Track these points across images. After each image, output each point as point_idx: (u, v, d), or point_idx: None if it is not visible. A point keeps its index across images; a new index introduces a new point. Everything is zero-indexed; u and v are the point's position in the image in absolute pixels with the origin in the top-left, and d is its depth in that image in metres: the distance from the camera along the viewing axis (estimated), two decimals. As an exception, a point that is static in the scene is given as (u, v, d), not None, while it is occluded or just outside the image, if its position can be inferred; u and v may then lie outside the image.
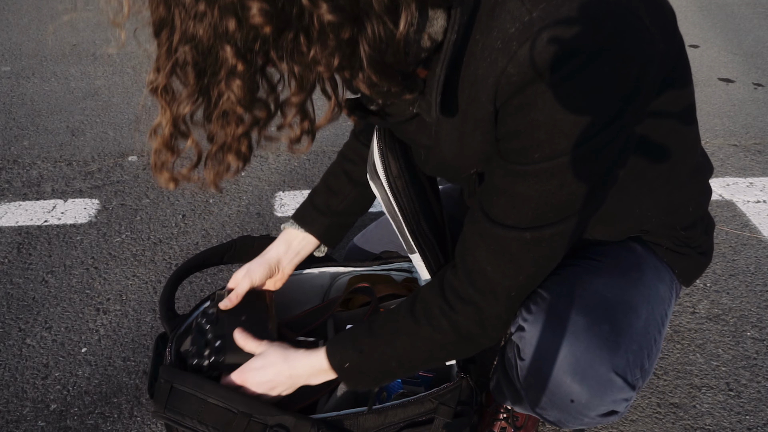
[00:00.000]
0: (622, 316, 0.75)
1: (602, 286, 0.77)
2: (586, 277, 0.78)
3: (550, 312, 0.73)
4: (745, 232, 1.65)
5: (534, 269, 0.69)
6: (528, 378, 0.76)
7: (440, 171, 0.84)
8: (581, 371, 0.71)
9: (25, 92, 2.47)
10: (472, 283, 0.71)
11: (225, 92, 0.56)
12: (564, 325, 0.72)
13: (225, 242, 1.07)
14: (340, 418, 0.83)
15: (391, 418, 0.84)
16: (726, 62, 2.83)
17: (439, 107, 0.65)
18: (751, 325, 1.34)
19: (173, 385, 0.82)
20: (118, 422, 1.11)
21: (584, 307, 0.74)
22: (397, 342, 0.76)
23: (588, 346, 0.71)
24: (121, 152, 2.04)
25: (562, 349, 0.71)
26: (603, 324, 0.73)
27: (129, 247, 1.57)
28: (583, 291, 0.76)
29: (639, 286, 0.79)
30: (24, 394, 1.16)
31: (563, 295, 0.75)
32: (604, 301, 0.75)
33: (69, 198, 1.78)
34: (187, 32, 0.53)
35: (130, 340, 1.29)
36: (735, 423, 1.13)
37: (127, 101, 2.41)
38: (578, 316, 0.73)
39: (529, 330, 0.74)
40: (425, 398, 0.85)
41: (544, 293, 0.75)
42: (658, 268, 0.85)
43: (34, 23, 3.33)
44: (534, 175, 0.63)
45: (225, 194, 1.81)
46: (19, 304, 1.38)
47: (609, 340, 0.72)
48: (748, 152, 2.09)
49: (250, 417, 0.79)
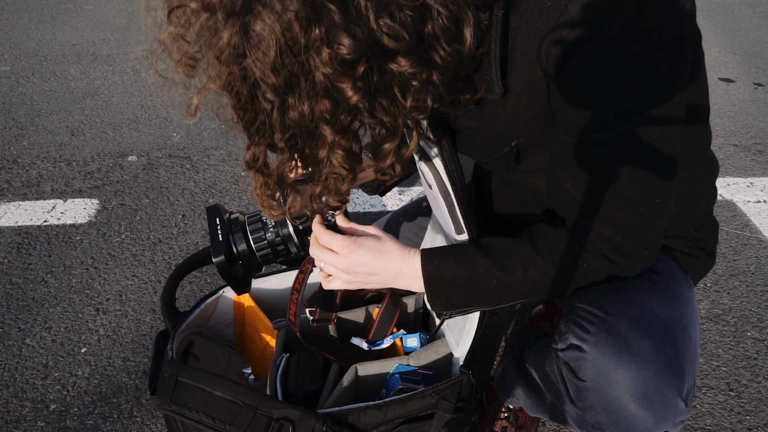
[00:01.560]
0: (680, 339, 0.74)
1: (655, 305, 0.75)
2: (637, 296, 0.77)
3: (612, 333, 0.72)
4: (746, 232, 1.65)
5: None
6: (587, 399, 0.74)
7: (481, 151, 0.84)
8: (649, 396, 0.70)
9: (24, 92, 2.47)
10: (612, 232, 0.71)
11: (326, 163, 0.60)
12: (630, 348, 0.70)
13: None
14: (343, 412, 0.83)
15: (392, 413, 0.84)
16: (726, 62, 2.83)
17: (501, 82, 0.66)
18: (751, 325, 1.34)
19: (178, 378, 0.82)
20: (117, 422, 1.11)
21: (647, 329, 0.72)
22: (511, 265, 0.74)
23: (656, 372, 0.70)
24: (121, 152, 2.04)
25: (629, 373, 0.70)
26: (667, 348, 0.72)
27: (129, 247, 1.57)
28: (640, 312, 0.74)
29: (682, 302, 0.79)
30: (24, 395, 1.16)
31: (622, 316, 0.73)
32: (662, 323, 0.74)
33: (69, 198, 1.77)
34: (283, 121, 0.57)
35: (130, 340, 1.29)
36: (735, 423, 1.12)
37: (126, 101, 2.41)
38: (644, 340, 0.71)
39: (591, 351, 0.72)
40: (426, 393, 0.85)
41: (599, 312, 0.74)
42: (684, 276, 0.85)
43: (34, 23, 3.33)
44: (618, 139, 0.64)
45: (225, 194, 1.81)
46: (18, 304, 1.37)
47: (674, 365, 0.71)
48: (749, 152, 2.09)
49: (256, 410, 0.80)
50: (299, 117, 0.55)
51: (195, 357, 1.01)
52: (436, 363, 0.95)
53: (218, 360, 1.09)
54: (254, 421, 0.80)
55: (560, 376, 0.77)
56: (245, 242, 0.85)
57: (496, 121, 0.74)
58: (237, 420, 0.80)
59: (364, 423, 0.83)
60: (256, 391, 0.81)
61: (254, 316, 1.06)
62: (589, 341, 0.72)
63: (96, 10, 3.61)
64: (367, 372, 0.94)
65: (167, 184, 1.85)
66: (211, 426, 0.81)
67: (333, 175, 0.62)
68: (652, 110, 0.63)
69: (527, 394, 0.90)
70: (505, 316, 1.37)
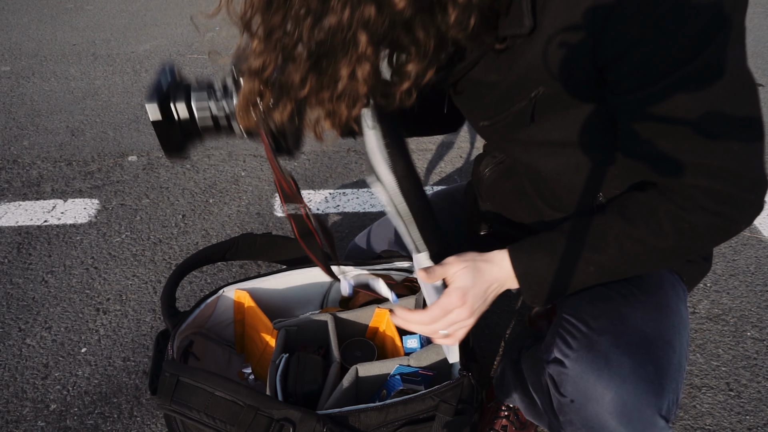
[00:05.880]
0: (663, 354, 0.73)
1: (640, 319, 0.75)
2: (622, 309, 0.76)
3: (593, 350, 0.72)
4: (745, 232, 1.65)
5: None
6: (568, 414, 0.74)
7: (495, 106, 0.78)
8: (627, 414, 0.70)
9: (24, 92, 2.47)
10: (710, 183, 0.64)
11: (346, 79, 0.55)
12: (610, 366, 0.70)
13: (227, 239, 1.07)
14: (343, 413, 0.83)
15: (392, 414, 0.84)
16: (726, 62, 2.83)
17: (531, 15, 0.63)
18: (751, 325, 1.34)
19: (179, 378, 0.82)
20: (118, 422, 1.11)
21: (628, 346, 0.72)
22: (603, 244, 0.70)
23: (635, 390, 0.69)
24: (121, 152, 2.04)
25: (608, 391, 0.69)
26: (648, 365, 0.71)
27: (129, 247, 1.57)
28: (623, 327, 0.74)
29: (668, 313, 0.78)
30: (24, 394, 1.16)
31: (604, 331, 0.73)
32: (644, 339, 0.73)
33: (69, 198, 1.77)
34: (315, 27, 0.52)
35: (130, 340, 1.29)
36: (735, 423, 1.13)
37: (126, 101, 2.41)
38: (623, 357, 0.71)
39: (572, 367, 0.72)
40: (426, 396, 0.85)
41: (582, 327, 0.74)
42: (674, 284, 0.84)
43: (34, 23, 3.33)
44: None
45: (225, 194, 1.81)
46: (18, 304, 1.38)
47: (654, 382, 0.70)
48: (748, 152, 2.09)
49: (257, 410, 0.80)
50: (336, 24, 0.51)
51: (195, 357, 1.01)
52: (437, 364, 0.95)
53: (218, 360, 1.09)
54: (255, 421, 0.80)
55: (546, 388, 0.77)
56: (185, 103, 0.78)
57: (518, 69, 0.70)
58: (238, 420, 0.80)
59: (364, 424, 0.83)
60: (257, 392, 0.81)
61: (254, 316, 1.06)
62: (571, 357, 0.72)
63: (96, 10, 3.61)
64: (368, 373, 0.94)
65: (167, 184, 1.85)
66: (212, 426, 0.81)
67: (349, 93, 0.57)
68: (721, 36, 0.58)
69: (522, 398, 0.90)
70: (504, 315, 1.37)
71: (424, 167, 1.98)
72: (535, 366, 0.83)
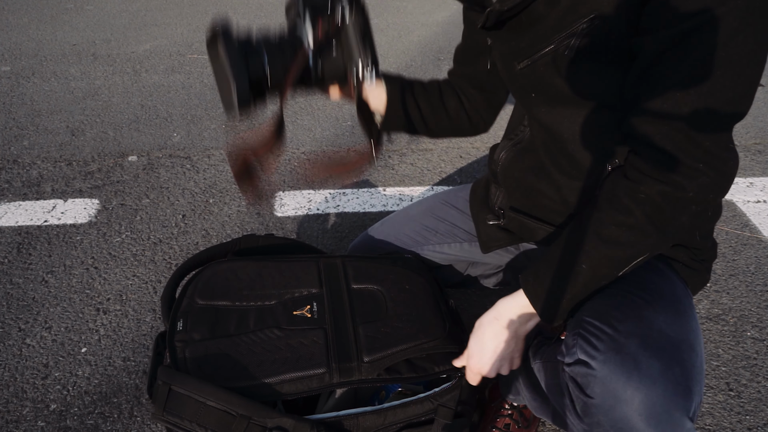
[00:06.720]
0: (687, 357, 0.74)
1: (663, 323, 0.76)
2: (645, 312, 0.77)
3: (621, 352, 0.72)
4: (745, 232, 1.65)
5: None
6: (595, 416, 0.74)
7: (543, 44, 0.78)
8: (656, 416, 0.70)
9: (24, 92, 2.47)
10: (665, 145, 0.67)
11: None
12: (639, 368, 0.70)
13: (229, 240, 1.07)
14: (339, 419, 0.82)
15: (390, 418, 0.84)
16: (726, 62, 2.83)
17: None
18: (751, 325, 1.34)
19: (171, 387, 0.81)
20: (118, 422, 1.11)
21: (656, 349, 0.72)
22: (585, 239, 0.74)
23: (665, 392, 0.70)
24: (121, 152, 2.04)
25: (638, 393, 0.70)
26: (675, 367, 0.72)
27: (129, 247, 1.57)
28: (649, 330, 0.74)
29: (688, 318, 0.79)
30: (24, 394, 1.16)
31: (631, 334, 0.73)
32: (670, 342, 0.74)
33: (69, 198, 1.78)
34: None
35: (130, 340, 1.29)
36: (735, 423, 1.13)
37: (126, 101, 2.42)
38: (652, 360, 0.71)
39: (600, 369, 0.72)
40: (425, 399, 0.84)
41: (608, 329, 0.74)
42: (684, 289, 0.85)
43: (34, 23, 3.33)
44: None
45: (225, 194, 1.81)
46: (19, 304, 1.38)
47: (681, 384, 0.71)
48: (748, 152, 2.09)
49: (249, 419, 0.79)
50: None
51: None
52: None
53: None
54: (247, 430, 0.80)
55: (567, 390, 0.77)
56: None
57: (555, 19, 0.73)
58: (230, 430, 0.79)
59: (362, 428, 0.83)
60: (250, 401, 0.81)
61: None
62: (598, 358, 0.72)
63: (96, 10, 3.61)
64: (367, 373, 0.94)
65: (167, 184, 1.86)
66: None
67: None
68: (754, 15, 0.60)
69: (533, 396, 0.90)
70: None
71: (425, 167, 1.98)
72: (549, 368, 0.83)
